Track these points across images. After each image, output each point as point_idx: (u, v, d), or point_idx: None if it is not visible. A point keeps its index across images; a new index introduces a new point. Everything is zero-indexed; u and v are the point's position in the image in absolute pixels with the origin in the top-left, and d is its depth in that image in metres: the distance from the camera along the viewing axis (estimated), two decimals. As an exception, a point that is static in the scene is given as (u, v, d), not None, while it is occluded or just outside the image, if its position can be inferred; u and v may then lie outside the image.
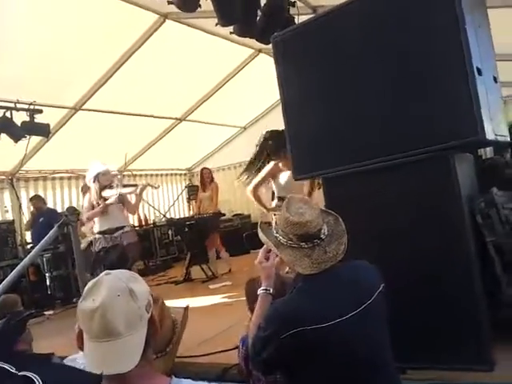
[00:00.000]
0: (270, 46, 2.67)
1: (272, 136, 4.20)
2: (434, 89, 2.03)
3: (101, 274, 1.24)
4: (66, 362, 2.22)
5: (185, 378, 1.27)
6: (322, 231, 1.61)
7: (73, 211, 4.23)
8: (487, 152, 2.85)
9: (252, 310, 2.11)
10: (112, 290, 1.15)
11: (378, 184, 2.23)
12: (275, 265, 1.79)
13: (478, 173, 2.46)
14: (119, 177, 5.17)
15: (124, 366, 1.09)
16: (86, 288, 1.20)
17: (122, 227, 4.77)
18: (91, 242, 5.71)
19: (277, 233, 1.67)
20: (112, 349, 1.10)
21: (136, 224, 8.91)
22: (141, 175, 8.98)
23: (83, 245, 5.68)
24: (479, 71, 1.92)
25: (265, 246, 1.78)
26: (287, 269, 1.82)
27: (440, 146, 2.03)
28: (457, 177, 2.04)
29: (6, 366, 0.64)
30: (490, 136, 1.97)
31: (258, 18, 3.98)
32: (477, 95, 1.90)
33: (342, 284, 1.55)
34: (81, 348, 1.19)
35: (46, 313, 5.45)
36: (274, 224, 1.82)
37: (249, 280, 2.24)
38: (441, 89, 2.01)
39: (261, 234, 1.74)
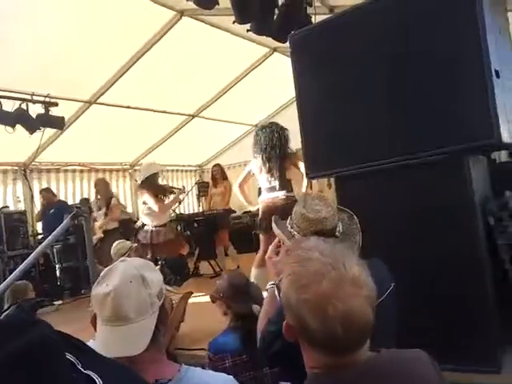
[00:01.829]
0: (286, 44, 2.69)
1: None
2: (450, 91, 2.03)
3: (117, 261, 1.28)
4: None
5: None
6: (337, 229, 1.62)
7: (85, 203, 4.31)
8: (501, 155, 2.84)
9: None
10: (125, 276, 1.18)
11: (391, 184, 2.24)
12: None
13: (492, 176, 2.45)
14: None
15: (132, 350, 1.13)
16: (102, 273, 1.24)
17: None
18: (102, 239, 5.93)
19: (291, 228, 1.68)
20: (122, 333, 1.14)
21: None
22: (152, 170, 9.05)
23: (93, 241, 5.84)
24: (497, 73, 1.92)
25: (275, 241, 1.80)
26: None
27: (455, 147, 2.03)
28: (471, 179, 2.04)
29: (73, 360, 0.64)
30: (506, 139, 1.96)
31: (275, 16, 3.99)
32: (494, 97, 1.90)
33: None
34: (96, 330, 1.22)
35: (55, 303, 5.51)
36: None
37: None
38: (457, 91, 2.01)
39: (275, 228, 1.75)
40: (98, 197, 6.28)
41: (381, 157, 2.25)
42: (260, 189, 4.30)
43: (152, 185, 4.81)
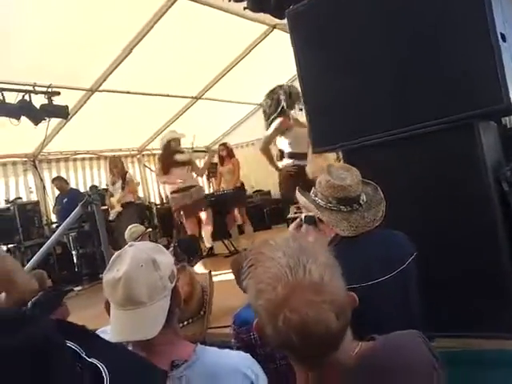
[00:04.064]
0: (285, 21, 2.61)
1: (290, 91, 4.33)
2: (457, 56, 1.98)
3: (125, 246, 1.28)
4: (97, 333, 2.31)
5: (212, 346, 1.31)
6: (361, 197, 1.66)
7: (95, 190, 4.35)
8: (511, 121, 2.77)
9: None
10: (135, 260, 1.18)
11: (401, 155, 2.21)
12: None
13: (504, 142, 2.40)
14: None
15: (146, 333, 1.14)
16: (112, 259, 1.25)
17: (194, 186, 5.64)
18: (120, 212, 6.04)
19: (316, 196, 1.71)
20: (135, 317, 1.15)
21: (158, 202, 9.05)
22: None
23: (112, 215, 5.95)
24: (503, 37, 1.86)
25: (297, 220, 1.84)
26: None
27: (464, 114, 1.98)
28: (482, 145, 1.99)
29: (77, 348, 0.64)
30: (515, 104, 1.91)
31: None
32: (501, 62, 1.83)
33: (376, 248, 1.58)
34: (109, 315, 1.23)
35: (74, 289, 5.65)
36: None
37: (234, 258, 2.30)
38: (464, 56, 1.95)
39: (299, 196, 1.79)
40: (113, 174, 6.37)
41: (388, 128, 2.21)
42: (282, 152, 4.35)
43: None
